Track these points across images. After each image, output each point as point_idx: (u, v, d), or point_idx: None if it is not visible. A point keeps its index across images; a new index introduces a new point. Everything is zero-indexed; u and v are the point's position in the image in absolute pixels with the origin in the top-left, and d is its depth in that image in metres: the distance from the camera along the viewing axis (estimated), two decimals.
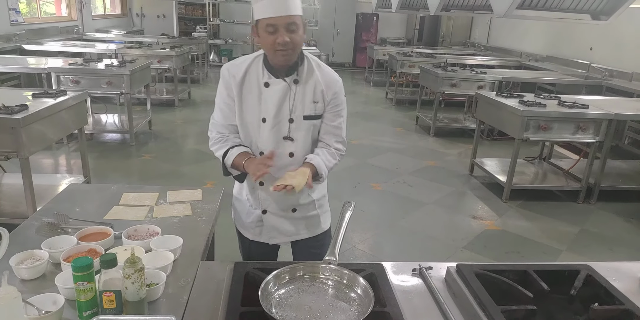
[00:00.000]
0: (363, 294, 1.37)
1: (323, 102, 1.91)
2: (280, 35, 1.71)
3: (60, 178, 4.45)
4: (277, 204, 2.01)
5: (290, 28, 1.72)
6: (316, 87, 1.89)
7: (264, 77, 1.87)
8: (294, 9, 1.72)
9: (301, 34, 1.77)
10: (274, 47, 1.74)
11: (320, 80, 1.89)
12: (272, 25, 1.70)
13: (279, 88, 1.86)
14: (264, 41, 1.76)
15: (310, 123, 1.92)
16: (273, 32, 1.71)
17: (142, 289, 1.29)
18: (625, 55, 6.39)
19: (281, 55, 1.75)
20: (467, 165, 5.64)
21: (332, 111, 1.94)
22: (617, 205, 4.81)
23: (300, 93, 1.87)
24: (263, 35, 1.75)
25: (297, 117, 1.89)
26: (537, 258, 3.76)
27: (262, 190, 1.99)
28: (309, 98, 1.89)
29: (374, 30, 13.37)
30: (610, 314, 1.37)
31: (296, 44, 1.75)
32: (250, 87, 1.88)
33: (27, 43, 7.47)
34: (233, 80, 1.88)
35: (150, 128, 6.67)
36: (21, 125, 3.18)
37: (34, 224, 1.88)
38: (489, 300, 1.36)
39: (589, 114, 4.49)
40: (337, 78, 1.95)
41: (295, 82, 1.86)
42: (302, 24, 1.77)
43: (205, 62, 11.26)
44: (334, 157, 1.97)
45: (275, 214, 2.03)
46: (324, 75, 1.91)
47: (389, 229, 4.16)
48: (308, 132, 1.93)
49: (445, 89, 6.69)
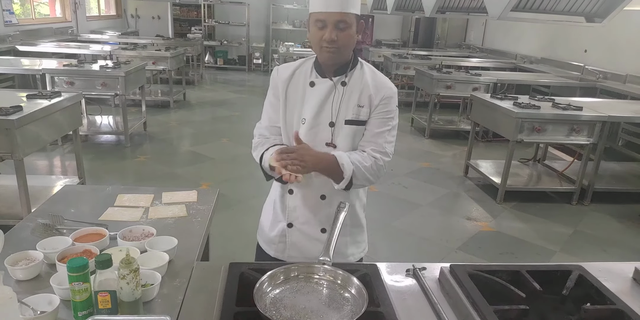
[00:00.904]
0: (357, 294, 1.37)
1: (369, 107, 1.77)
2: (328, 32, 1.64)
3: (55, 179, 4.44)
4: (306, 216, 1.86)
5: (340, 26, 1.64)
6: (363, 91, 1.77)
7: (312, 76, 1.81)
8: (347, 6, 1.64)
9: (352, 34, 1.68)
10: (319, 44, 1.68)
11: (369, 85, 1.78)
12: (321, 20, 1.65)
13: (324, 87, 1.78)
14: (312, 36, 1.70)
15: (352, 129, 1.77)
16: (322, 28, 1.66)
17: (137, 289, 1.30)
18: (620, 57, 6.43)
19: (326, 53, 1.69)
20: (461, 167, 5.66)
21: (378, 117, 1.77)
22: (611, 206, 4.84)
23: (346, 95, 1.77)
24: (312, 30, 1.70)
25: (339, 121, 1.77)
26: (531, 259, 3.78)
27: (291, 199, 1.87)
28: (354, 101, 1.77)
29: (369, 31, 13.38)
30: (602, 313, 1.38)
31: (344, 43, 1.67)
32: (297, 86, 1.81)
33: (21, 44, 7.45)
34: (279, 79, 1.83)
35: (145, 129, 6.66)
36: (15, 126, 3.17)
37: (28, 225, 1.87)
38: (482, 300, 1.37)
39: (583, 116, 4.52)
40: (392, 86, 1.82)
41: (342, 84, 1.78)
42: (355, 24, 1.68)
43: (201, 64, 11.26)
44: (366, 161, 1.74)
45: (301, 231, 1.88)
46: (376, 81, 1.80)
47: (383, 230, 4.17)
48: (349, 139, 1.78)
49: (441, 91, 6.71)
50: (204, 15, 12.56)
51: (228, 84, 10.85)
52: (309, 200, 1.85)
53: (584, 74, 6.99)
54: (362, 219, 1.98)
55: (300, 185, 1.78)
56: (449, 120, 7.68)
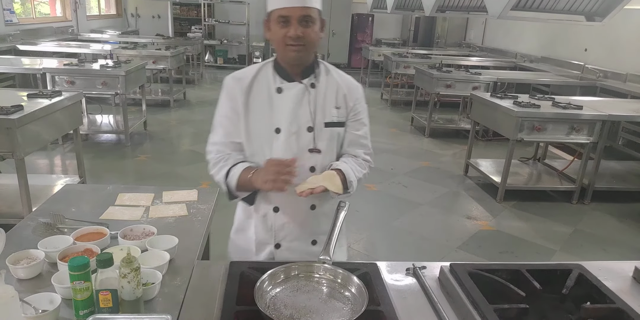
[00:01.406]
0: (357, 293, 1.38)
1: (346, 108, 1.73)
2: (293, 28, 1.55)
3: (55, 178, 4.44)
4: (296, 232, 1.76)
5: (305, 21, 1.56)
6: (338, 91, 1.72)
7: (276, 82, 1.69)
8: (310, 1, 1.57)
9: (317, 31, 1.60)
10: (284, 41, 1.58)
11: (341, 84, 1.73)
12: (284, 16, 1.55)
13: (295, 92, 1.67)
14: (275, 35, 1.60)
15: (334, 131, 1.71)
16: (285, 25, 1.56)
17: (138, 288, 1.30)
18: (620, 56, 6.43)
19: (292, 51, 1.59)
20: (461, 166, 5.66)
21: (356, 119, 1.76)
22: (611, 205, 4.84)
23: (320, 97, 1.69)
24: (274, 28, 1.60)
25: (317, 124, 1.68)
26: (531, 258, 3.79)
27: (278, 217, 1.75)
28: (330, 103, 1.70)
29: (369, 31, 13.38)
30: (602, 312, 1.38)
31: (310, 40, 1.59)
32: (259, 95, 1.68)
33: (22, 43, 7.45)
34: (239, 89, 1.68)
35: (146, 129, 6.67)
36: (16, 125, 3.18)
37: (29, 224, 1.88)
38: (482, 299, 1.37)
39: (583, 115, 4.52)
40: (358, 84, 1.80)
41: (312, 86, 1.69)
42: (319, 20, 1.61)
43: (201, 63, 11.25)
44: (363, 168, 1.76)
45: (290, 249, 1.78)
46: (343, 79, 1.76)
47: (383, 229, 4.17)
48: (332, 142, 1.72)
49: (440, 90, 6.71)
50: (204, 14, 12.55)
51: None
52: (298, 215, 1.76)
53: (584, 73, 6.99)
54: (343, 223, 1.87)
55: (288, 201, 1.70)
56: (449, 119, 7.67)
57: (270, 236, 1.77)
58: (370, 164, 1.81)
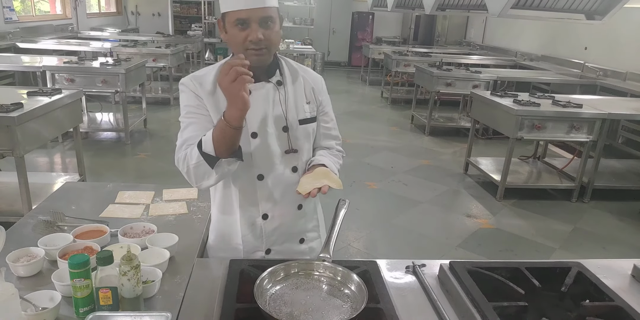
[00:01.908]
0: (357, 290, 1.38)
1: (315, 102, 1.69)
2: (253, 31, 1.44)
3: (55, 176, 4.44)
4: (286, 234, 1.73)
5: (265, 23, 1.46)
6: (305, 86, 1.67)
7: None
8: (269, 0, 1.46)
9: (277, 30, 1.50)
10: (244, 46, 1.47)
11: (307, 78, 1.68)
12: (242, 19, 1.44)
13: (263, 93, 1.59)
14: (233, 39, 1.48)
15: (308, 128, 1.66)
16: (244, 28, 1.45)
17: (138, 286, 1.30)
18: (620, 55, 6.43)
19: (254, 55, 1.47)
20: (461, 164, 5.66)
21: (324, 112, 1.73)
22: (611, 204, 4.84)
23: (289, 94, 1.63)
24: (232, 32, 1.47)
25: (291, 123, 1.62)
26: (530, 256, 3.79)
27: (267, 224, 1.69)
28: (300, 99, 1.65)
29: (369, 29, 13.38)
30: (601, 310, 1.38)
31: (272, 42, 1.49)
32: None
33: (22, 41, 7.44)
34: (201, 90, 1.56)
35: (146, 127, 6.67)
36: (16, 123, 3.18)
37: (29, 222, 1.88)
38: (481, 297, 1.37)
39: (583, 114, 4.52)
40: (319, 75, 1.76)
41: (278, 84, 1.62)
42: (278, 18, 1.51)
43: (201, 61, 11.23)
44: (339, 158, 1.76)
45: (281, 252, 1.74)
46: (306, 72, 1.71)
47: (383, 227, 4.18)
48: (307, 139, 1.67)
49: (441, 88, 6.71)
50: (204, 12, 12.53)
51: None
52: (287, 217, 1.71)
53: (584, 72, 6.99)
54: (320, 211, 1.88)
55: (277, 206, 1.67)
56: (449, 118, 7.67)
57: (260, 243, 1.72)
58: (342, 154, 1.80)
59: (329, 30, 13.52)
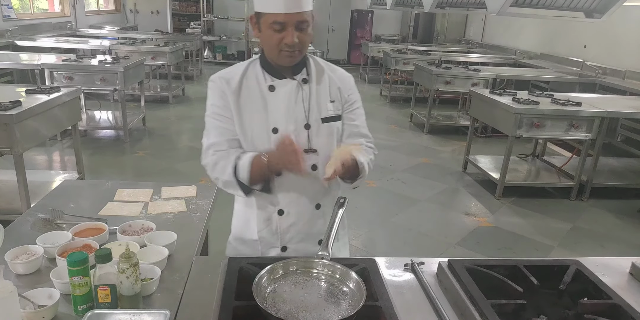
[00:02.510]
0: (355, 288, 1.38)
1: (340, 100, 1.69)
2: (289, 35, 1.48)
3: (54, 174, 4.44)
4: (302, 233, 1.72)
5: (301, 27, 1.49)
6: (331, 85, 1.67)
7: (267, 80, 1.62)
8: (307, 4, 1.49)
9: (310, 32, 1.54)
10: (279, 47, 1.51)
11: (333, 77, 1.69)
12: (279, 23, 1.47)
13: (288, 89, 1.61)
14: (268, 39, 1.52)
15: (332, 126, 1.66)
16: (280, 30, 1.48)
17: (136, 283, 1.30)
18: (619, 53, 6.43)
19: (286, 57, 1.53)
20: (460, 163, 5.66)
21: (351, 110, 1.72)
22: (609, 202, 4.85)
23: (313, 92, 1.64)
24: (267, 33, 1.51)
25: (314, 121, 1.63)
26: (529, 254, 3.79)
27: (283, 220, 1.69)
28: (324, 97, 1.65)
29: (368, 27, 13.37)
30: (599, 308, 1.38)
31: (305, 44, 1.53)
32: (251, 95, 1.61)
33: (20, 39, 7.43)
34: (227, 88, 1.61)
35: (144, 125, 6.66)
36: (15, 121, 3.18)
37: (28, 219, 1.88)
38: (480, 295, 1.37)
39: (582, 112, 4.52)
40: (349, 74, 1.76)
41: (304, 82, 1.63)
42: (312, 20, 1.54)
43: (200, 59, 11.23)
44: (369, 153, 1.73)
45: (298, 251, 1.71)
46: (334, 71, 1.72)
47: (382, 225, 4.18)
48: (330, 138, 1.66)
49: (440, 87, 6.71)
50: (203, 10, 12.52)
51: None
52: (304, 215, 1.71)
53: (583, 70, 6.99)
54: (345, 219, 1.86)
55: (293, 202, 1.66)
56: (448, 116, 7.67)
57: (276, 239, 1.72)
58: (374, 151, 1.77)
59: (328, 28, 13.50)
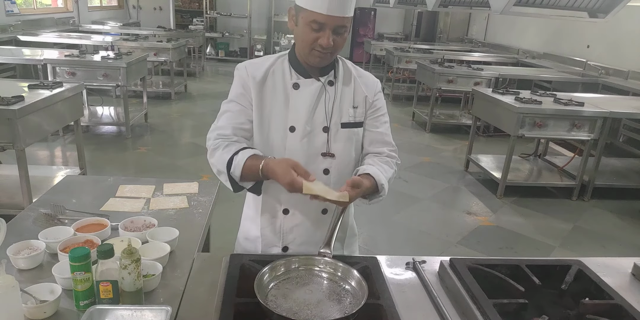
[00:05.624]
0: (357, 286, 1.38)
1: (364, 107, 1.66)
2: (325, 37, 1.46)
3: (56, 170, 4.44)
4: (305, 236, 1.69)
5: (339, 31, 1.48)
6: (356, 90, 1.64)
7: (292, 77, 1.60)
8: (350, 10, 1.48)
9: (346, 37, 1.53)
10: (312, 46, 1.50)
11: (360, 83, 1.66)
12: (319, 23, 1.45)
13: (312, 90, 1.59)
14: (303, 36, 1.51)
15: (350, 132, 1.63)
16: (317, 30, 1.47)
17: (138, 279, 1.30)
18: (622, 53, 6.41)
19: (317, 57, 1.52)
20: (462, 162, 5.66)
21: (375, 116, 1.68)
22: (611, 202, 4.84)
23: (337, 95, 1.61)
24: (304, 30, 1.49)
25: (333, 124, 1.60)
26: (530, 254, 3.79)
27: (287, 220, 1.67)
28: (347, 102, 1.62)
29: (371, 25, 13.34)
30: (600, 308, 1.38)
31: (338, 48, 1.52)
32: (274, 90, 1.59)
33: (23, 34, 7.43)
34: (252, 81, 1.59)
35: (146, 121, 6.66)
36: (17, 116, 3.18)
37: (30, 215, 1.88)
38: (481, 294, 1.37)
39: (584, 112, 4.51)
40: (376, 79, 1.73)
41: (330, 84, 1.61)
42: (350, 26, 1.53)
43: (202, 55, 11.22)
44: (390, 166, 1.66)
45: (298, 253, 1.68)
46: (362, 77, 1.68)
47: (383, 224, 4.18)
48: (348, 144, 1.63)
49: (442, 85, 6.69)
50: (206, 7, 12.51)
51: (229, 75, 10.69)
52: (309, 218, 1.67)
53: (586, 70, 6.97)
54: (355, 227, 1.89)
55: (299, 203, 1.63)
56: (450, 115, 7.66)
57: (278, 239, 1.70)
58: (396, 161, 1.71)
59: None
